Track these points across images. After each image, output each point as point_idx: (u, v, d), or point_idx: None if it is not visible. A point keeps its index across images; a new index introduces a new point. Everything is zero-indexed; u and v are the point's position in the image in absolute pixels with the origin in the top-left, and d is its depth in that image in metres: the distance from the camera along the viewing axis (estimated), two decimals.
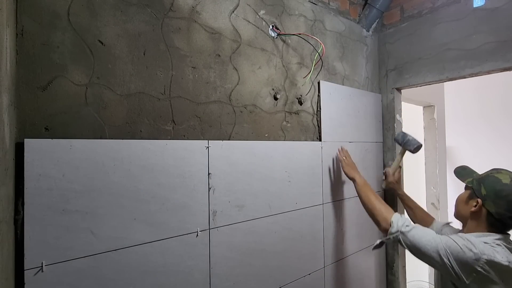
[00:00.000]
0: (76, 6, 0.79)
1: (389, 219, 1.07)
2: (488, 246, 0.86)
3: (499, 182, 0.90)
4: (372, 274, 1.73)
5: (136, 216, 0.85)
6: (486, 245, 0.86)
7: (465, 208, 0.98)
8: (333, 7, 1.58)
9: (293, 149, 1.30)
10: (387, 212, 1.11)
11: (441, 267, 0.90)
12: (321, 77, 1.47)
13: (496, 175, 0.92)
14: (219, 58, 1.09)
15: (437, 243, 0.91)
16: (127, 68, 0.88)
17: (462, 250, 0.86)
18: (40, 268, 0.71)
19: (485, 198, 0.91)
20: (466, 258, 0.85)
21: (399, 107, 1.85)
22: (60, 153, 0.74)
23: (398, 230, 1.02)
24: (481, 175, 0.99)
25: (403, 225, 1.02)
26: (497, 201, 0.89)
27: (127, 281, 0.84)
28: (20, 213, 0.69)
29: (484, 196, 0.91)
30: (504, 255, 0.85)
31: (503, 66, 1.37)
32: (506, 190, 0.87)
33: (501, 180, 0.90)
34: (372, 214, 1.17)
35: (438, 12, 1.59)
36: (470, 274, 0.85)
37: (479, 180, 0.96)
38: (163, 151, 0.92)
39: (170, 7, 0.97)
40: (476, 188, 0.95)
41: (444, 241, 0.90)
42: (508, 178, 0.90)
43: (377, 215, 1.13)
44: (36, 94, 0.74)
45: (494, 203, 0.89)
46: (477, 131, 4.16)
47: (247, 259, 1.11)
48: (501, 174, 0.92)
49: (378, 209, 1.14)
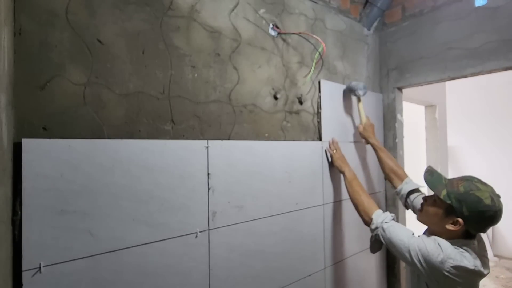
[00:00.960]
0: (74, 5, 0.79)
1: (370, 214, 1.11)
2: (456, 251, 0.87)
3: (481, 202, 0.86)
4: (373, 276, 1.72)
5: (135, 216, 0.85)
6: (455, 250, 0.87)
7: (441, 224, 0.94)
8: (334, 5, 1.57)
9: (293, 149, 1.29)
10: (369, 208, 1.14)
11: (413, 266, 0.93)
12: (322, 76, 1.46)
13: (477, 194, 0.87)
14: (218, 57, 1.08)
15: (409, 243, 0.93)
16: (126, 68, 0.87)
17: (431, 253, 0.88)
18: (38, 269, 0.70)
19: (467, 219, 0.88)
20: (433, 261, 0.87)
21: (400, 107, 1.84)
22: (58, 153, 0.74)
23: (377, 227, 1.06)
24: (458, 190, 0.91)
25: (382, 221, 1.05)
26: (480, 223, 0.89)
27: (126, 282, 0.83)
28: (18, 214, 0.69)
29: (466, 217, 0.88)
30: (471, 259, 0.87)
31: (505, 65, 1.36)
32: (489, 212, 0.86)
33: (482, 200, 0.86)
34: (356, 207, 1.21)
35: (440, 11, 1.58)
36: (440, 277, 0.88)
37: (457, 198, 0.89)
38: (162, 151, 0.91)
39: (169, 6, 0.96)
40: (457, 207, 0.89)
41: (417, 243, 0.92)
42: (488, 196, 0.87)
43: (361, 209, 1.17)
44: (34, 94, 0.73)
45: (477, 225, 0.89)
46: (478, 131, 4.14)
47: (247, 260, 1.11)
48: (480, 192, 0.87)
49: (362, 203, 1.18)
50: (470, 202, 0.87)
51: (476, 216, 0.87)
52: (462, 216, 0.88)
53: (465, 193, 0.89)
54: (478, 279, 0.92)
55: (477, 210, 0.86)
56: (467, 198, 0.88)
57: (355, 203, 1.22)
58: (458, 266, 0.85)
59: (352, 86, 1.50)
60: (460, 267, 0.85)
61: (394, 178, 1.33)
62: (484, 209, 0.86)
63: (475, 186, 0.89)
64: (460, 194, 0.89)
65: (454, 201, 0.90)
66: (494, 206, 0.85)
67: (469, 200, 0.88)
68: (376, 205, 1.16)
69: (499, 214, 0.86)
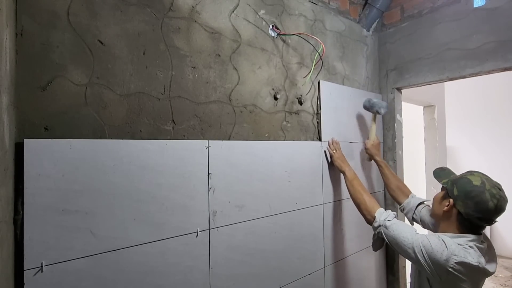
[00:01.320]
0: (75, 6, 0.79)
1: (373, 212, 1.13)
2: (461, 248, 0.89)
3: (470, 183, 0.93)
4: (372, 274, 1.72)
5: (136, 216, 0.85)
6: (459, 247, 0.89)
7: (439, 208, 1.01)
8: (333, 6, 1.58)
9: (293, 149, 1.30)
10: (372, 206, 1.16)
11: (417, 263, 0.95)
12: (321, 77, 1.47)
13: (469, 177, 0.95)
14: (219, 58, 1.08)
15: (413, 240, 0.95)
16: (126, 68, 0.87)
17: (435, 250, 0.90)
18: (39, 268, 0.71)
19: (456, 198, 0.94)
20: (438, 258, 0.89)
21: (399, 107, 1.85)
22: (60, 153, 0.74)
23: (380, 225, 1.08)
24: (456, 177, 1.01)
25: (385, 219, 1.07)
26: (466, 202, 0.92)
27: (127, 281, 0.83)
28: (20, 213, 0.69)
29: (455, 197, 0.95)
30: (475, 256, 0.88)
31: (504, 66, 1.37)
32: (475, 191, 0.91)
33: (472, 181, 0.93)
34: (358, 206, 1.22)
35: (439, 12, 1.59)
36: (443, 273, 0.89)
37: (453, 181, 0.99)
38: (163, 151, 0.91)
39: (170, 7, 0.96)
40: (450, 189, 0.98)
41: (421, 240, 0.94)
42: (479, 180, 0.93)
43: (363, 208, 1.19)
44: (36, 94, 0.74)
45: (464, 203, 0.93)
46: (477, 131, 4.16)
47: (247, 259, 1.11)
48: (473, 176, 0.95)
49: (364, 202, 1.19)
50: (460, 183, 0.95)
51: (463, 195, 0.93)
52: (453, 196, 0.96)
53: (459, 178, 0.98)
54: (482, 277, 0.92)
55: (465, 190, 0.93)
56: (459, 180, 0.97)
57: (356, 202, 1.23)
58: (462, 262, 0.86)
59: (374, 104, 1.52)
60: (464, 263, 0.86)
61: (400, 194, 1.36)
62: (470, 189, 0.92)
63: (470, 173, 0.98)
64: (455, 179, 0.99)
65: (449, 183, 0.99)
66: (482, 188, 0.90)
67: (460, 182, 0.96)
68: (377, 203, 1.18)
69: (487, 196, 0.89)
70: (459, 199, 0.93)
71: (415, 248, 0.94)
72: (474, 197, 0.90)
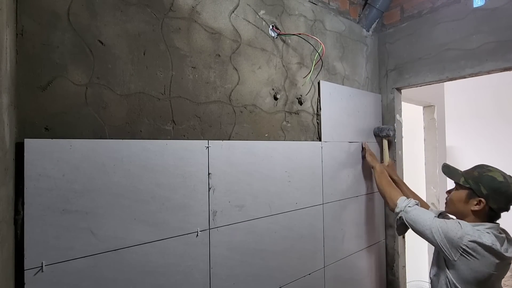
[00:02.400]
0: (76, 6, 0.79)
1: (395, 200, 1.26)
2: (476, 230, 0.98)
3: (495, 180, 1.00)
4: (372, 274, 1.72)
5: (136, 216, 0.85)
6: (474, 229, 0.98)
7: (466, 207, 1.06)
8: (333, 7, 1.58)
9: (293, 149, 1.30)
10: (395, 195, 1.29)
11: (434, 243, 1.05)
12: (321, 77, 1.47)
13: (490, 174, 1.02)
14: (219, 58, 1.08)
15: (431, 222, 1.06)
16: (127, 68, 0.87)
17: (450, 230, 1.00)
18: (40, 268, 0.71)
19: (487, 196, 1.01)
20: (452, 236, 0.99)
21: (399, 107, 1.85)
22: (60, 153, 0.74)
23: (401, 210, 1.20)
24: (473, 175, 1.06)
25: (406, 205, 1.19)
26: (497, 198, 1.00)
27: (127, 281, 0.83)
28: (20, 213, 0.69)
29: (486, 195, 1.01)
30: (490, 239, 0.95)
31: (503, 66, 1.37)
32: (503, 187, 0.99)
33: (496, 178, 1.00)
34: (384, 196, 1.37)
35: (438, 12, 1.59)
36: (457, 251, 0.98)
37: (474, 180, 1.04)
38: (163, 151, 0.91)
39: (170, 7, 0.96)
40: (476, 188, 1.03)
41: (438, 222, 1.04)
42: (500, 175, 1.01)
43: (387, 197, 1.34)
44: (36, 94, 0.74)
45: (495, 200, 1.00)
46: (477, 131, 4.16)
47: (247, 259, 1.11)
48: (493, 172, 1.02)
49: (389, 192, 1.34)
50: (485, 182, 1.01)
51: (494, 193, 1.00)
52: (482, 195, 1.01)
53: (479, 176, 1.04)
54: (495, 260, 0.95)
55: (493, 187, 1.00)
56: (482, 179, 1.03)
57: (382, 192, 1.38)
58: (475, 241, 0.95)
59: (382, 129, 1.70)
60: (477, 242, 0.95)
61: None
62: (499, 185, 0.99)
63: (487, 169, 1.05)
64: (476, 177, 1.04)
65: (472, 183, 1.04)
66: (507, 182, 0.99)
67: (484, 180, 1.02)
68: (401, 193, 1.31)
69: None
70: (491, 197, 1.00)
71: (432, 229, 1.03)
72: (504, 193, 0.98)
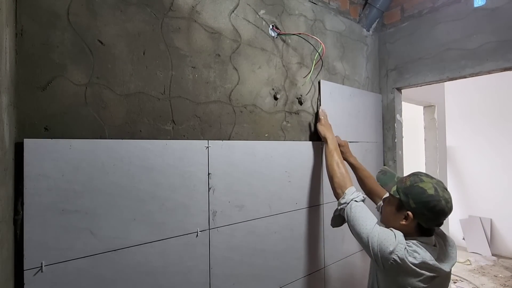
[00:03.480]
0: (75, 6, 0.79)
1: (344, 188, 1.11)
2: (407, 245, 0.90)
3: (425, 193, 0.89)
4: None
5: (136, 216, 0.85)
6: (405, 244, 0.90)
7: (395, 219, 0.97)
8: (333, 6, 1.58)
9: (293, 149, 1.30)
10: (345, 182, 1.14)
11: (366, 248, 0.96)
12: (321, 77, 1.47)
13: (420, 185, 0.91)
14: (219, 58, 1.08)
15: (372, 229, 0.96)
16: (126, 68, 0.87)
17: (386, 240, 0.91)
18: (39, 268, 0.71)
19: (415, 211, 0.91)
20: (385, 249, 0.90)
21: (399, 107, 1.85)
22: (60, 153, 0.74)
23: (346, 202, 1.08)
24: (404, 183, 0.95)
25: (353, 199, 1.07)
26: (425, 214, 0.89)
27: (127, 281, 0.83)
28: (20, 213, 0.69)
29: (413, 209, 0.91)
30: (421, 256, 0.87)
31: (504, 66, 1.37)
32: (433, 201, 0.88)
33: (426, 190, 0.89)
34: (331, 179, 1.19)
35: (439, 12, 1.59)
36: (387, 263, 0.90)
37: (404, 191, 0.94)
38: (163, 151, 0.91)
39: (170, 7, 0.96)
40: (405, 200, 0.93)
41: (378, 230, 0.95)
42: (432, 187, 0.90)
43: (336, 181, 1.16)
44: (36, 94, 0.74)
45: (424, 216, 0.90)
46: (477, 131, 4.16)
47: (247, 259, 1.11)
48: (424, 183, 0.91)
49: (339, 176, 1.16)
50: (414, 194, 0.91)
51: (422, 207, 0.89)
52: (410, 208, 0.91)
53: (410, 186, 0.93)
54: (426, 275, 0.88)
55: (421, 201, 0.89)
56: (412, 190, 0.92)
57: (331, 174, 1.19)
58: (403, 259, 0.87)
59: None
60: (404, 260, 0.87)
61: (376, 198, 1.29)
62: (427, 199, 0.88)
63: (419, 179, 0.93)
64: (406, 188, 0.93)
65: (402, 195, 0.94)
66: (437, 196, 0.88)
67: (413, 192, 0.91)
68: (351, 182, 1.15)
69: (443, 203, 0.87)
70: (419, 211, 0.90)
71: (369, 236, 0.94)
72: (433, 208, 0.88)
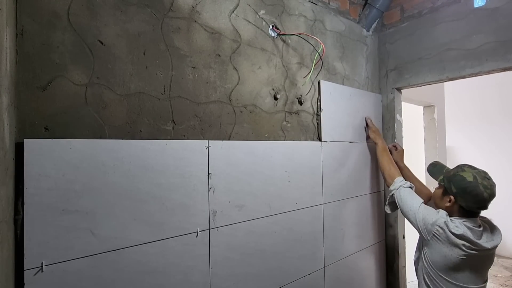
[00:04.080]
0: (76, 6, 0.79)
1: (394, 178, 1.38)
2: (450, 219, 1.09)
3: (464, 180, 1.08)
4: (372, 274, 1.72)
5: (136, 216, 0.85)
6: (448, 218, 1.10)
7: (441, 203, 1.17)
8: (333, 7, 1.58)
9: (293, 149, 1.30)
10: (393, 173, 1.42)
11: (414, 225, 1.19)
12: (321, 77, 1.47)
13: (461, 174, 1.10)
14: (219, 58, 1.08)
15: (417, 208, 1.18)
16: (127, 68, 0.87)
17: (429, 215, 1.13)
18: (40, 268, 0.71)
19: (455, 195, 1.10)
20: (428, 221, 1.12)
21: (399, 107, 1.85)
22: (60, 153, 0.74)
23: (395, 188, 1.32)
24: (449, 173, 1.16)
25: (401, 185, 1.31)
26: (464, 197, 1.08)
27: (127, 281, 0.83)
28: (20, 213, 0.69)
29: (454, 194, 1.10)
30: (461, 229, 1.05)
31: (504, 66, 1.37)
32: (470, 187, 1.06)
33: (465, 178, 1.08)
34: (383, 172, 1.49)
35: (438, 12, 1.59)
36: (430, 233, 1.11)
37: (448, 179, 1.14)
38: (163, 151, 0.91)
39: (170, 7, 0.96)
40: (447, 186, 1.13)
41: (423, 208, 1.17)
42: (471, 175, 1.08)
43: (386, 173, 1.46)
44: (36, 94, 0.74)
45: (463, 199, 1.08)
46: (477, 131, 4.16)
47: (247, 259, 1.11)
48: (464, 173, 1.10)
49: (388, 169, 1.46)
50: (456, 181, 1.11)
51: (461, 192, 1.08)
52: (452, 193, 1.11)
53: (453, 175, 1.14)
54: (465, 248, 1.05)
55: (461, 187, 1.09)
56: (454, 178, 1.12)
57: (382, 168, 1.50)
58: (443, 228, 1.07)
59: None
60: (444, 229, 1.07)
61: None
62: (465, 185, 1.07)
63: (461, 169, 1.13)
64: (450, 176, 1.15)
65: (446, 182, 1.15)
66: (475, 182, 1.06)
67: (455, 179, 1.12)
68: (400, 174, 1.42)
69: (481, 189, 1.04)
70: (458, 195, 1.09)
71: (416, 214, 1.17)
72: (470, 192, 1.06)
